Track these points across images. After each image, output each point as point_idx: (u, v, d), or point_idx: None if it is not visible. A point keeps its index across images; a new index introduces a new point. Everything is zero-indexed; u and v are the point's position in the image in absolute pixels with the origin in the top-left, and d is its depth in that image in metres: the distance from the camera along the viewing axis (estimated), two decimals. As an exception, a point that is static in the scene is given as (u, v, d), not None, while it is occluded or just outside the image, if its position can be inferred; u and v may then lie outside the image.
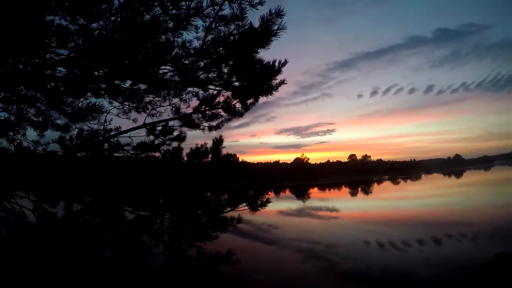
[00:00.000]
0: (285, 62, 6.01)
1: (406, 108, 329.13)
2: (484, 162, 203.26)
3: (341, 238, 14.08)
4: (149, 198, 6.08)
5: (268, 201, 5.70)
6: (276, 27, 5.07)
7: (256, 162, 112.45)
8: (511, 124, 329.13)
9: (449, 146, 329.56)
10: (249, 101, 6.46)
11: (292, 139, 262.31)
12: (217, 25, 4.89)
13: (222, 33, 4.98)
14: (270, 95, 6.38)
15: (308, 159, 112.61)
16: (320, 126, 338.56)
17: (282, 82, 6.22)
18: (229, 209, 6.00)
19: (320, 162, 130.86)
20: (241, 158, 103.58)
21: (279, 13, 5.02)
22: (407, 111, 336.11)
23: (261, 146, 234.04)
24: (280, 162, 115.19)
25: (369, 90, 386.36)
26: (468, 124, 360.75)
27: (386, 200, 34.51)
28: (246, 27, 5.06)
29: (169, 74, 5.81)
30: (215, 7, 4.47)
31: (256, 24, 4.99)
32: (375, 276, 8.67)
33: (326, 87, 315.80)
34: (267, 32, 5.10)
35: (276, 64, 6.02)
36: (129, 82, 6.00)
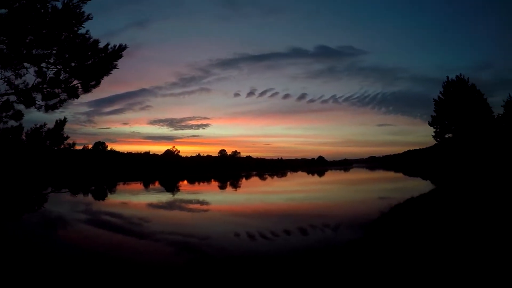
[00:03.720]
0: (125, 46, 5.87)
1: (278, 111, 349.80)
2: (344, 164, 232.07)
3: (213, 231, 14.11)
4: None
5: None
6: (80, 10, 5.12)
7: (126, 151, 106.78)
8: (371, 135, 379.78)
9: (315, 149, 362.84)
10: (91, 83, 6.10)
11: (165, 130, 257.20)
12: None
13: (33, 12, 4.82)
14: (100, 78, 6.13)
15: (179, 151, 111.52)
16: (195, 120, 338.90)
17: (114, 67, 6.05)
18: (49, 190, 5.75)
19: (191, 156, 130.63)
20: (111, 146, 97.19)
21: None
22: (280, 114, 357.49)
23: (133, 136, 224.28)
24: (150, 153, 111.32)
25: (247, 90, 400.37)
26: (333, 131, 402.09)
27: (254, 194, 36.10)
28: (48, 8, 4.89)
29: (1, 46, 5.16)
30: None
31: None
32: (247, 264, 8.85)
33: (205, 82, 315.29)
34: (69, 13, 5.03)
35: (114, 48, 5.80)
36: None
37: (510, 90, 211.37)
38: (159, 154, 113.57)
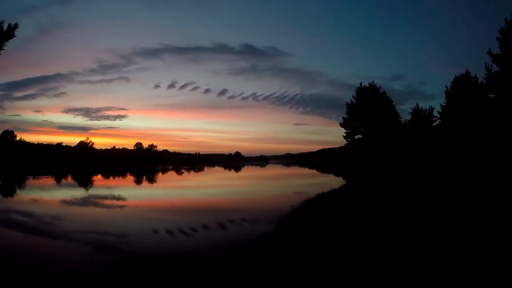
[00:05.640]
0: (15, 26, 5.77)
1: (198, 105, 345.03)
2: (261, 160, 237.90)
3: (131, 228, 14.07)
4: None
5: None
6: None
7: (37, 142, 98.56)
8: (287, 132, 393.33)
9: (232, 144, 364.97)
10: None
11: (80, 120, 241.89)
12: None
13: None
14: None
15: (93, 143, 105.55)
16: (112, 110, 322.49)
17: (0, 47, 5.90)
18: None
19: (106, 148, 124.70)
20: (20, 136, 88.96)
21: None
22: (199, 109, 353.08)
23: (45, 125, 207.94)
24: (63, 144, 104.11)
25: (168, 82, 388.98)
26: (252, 127, 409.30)
27: (170, 189, 36.07)
28: None
29: None
30: None
31: None
32: (167, 261, 9.09)
33: (126, 71, 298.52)
34: None
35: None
36: None
37: (418, 99, 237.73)
38: (73, 146, 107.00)
